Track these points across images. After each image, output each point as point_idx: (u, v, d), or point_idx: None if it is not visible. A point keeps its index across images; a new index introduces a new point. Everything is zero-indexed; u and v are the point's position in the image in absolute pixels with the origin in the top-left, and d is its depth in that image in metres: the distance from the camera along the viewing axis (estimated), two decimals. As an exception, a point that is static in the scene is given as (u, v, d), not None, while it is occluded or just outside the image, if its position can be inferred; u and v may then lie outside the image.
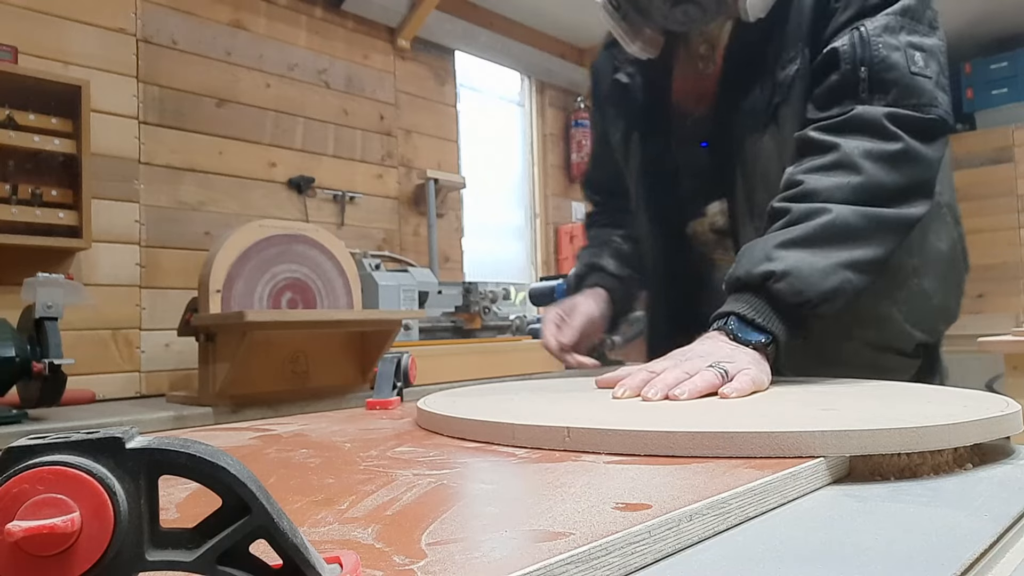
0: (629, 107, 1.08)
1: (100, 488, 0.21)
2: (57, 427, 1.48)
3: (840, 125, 0.83)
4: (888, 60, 0.82)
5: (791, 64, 0.89)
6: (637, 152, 1.08)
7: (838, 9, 0.86)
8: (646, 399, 0.65)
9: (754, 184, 0.95)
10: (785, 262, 0.76)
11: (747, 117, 0.93)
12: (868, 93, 0.83)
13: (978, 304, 4.77)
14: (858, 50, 0.83)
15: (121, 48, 2.13)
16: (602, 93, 1.14)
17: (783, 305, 0.76)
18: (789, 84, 0.89)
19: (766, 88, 0.91)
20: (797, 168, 0.84)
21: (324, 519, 0.35)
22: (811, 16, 0.88)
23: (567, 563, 0.28)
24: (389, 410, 0.81)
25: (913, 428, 0.45)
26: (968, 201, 4.86)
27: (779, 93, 0.90)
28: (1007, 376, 1.86)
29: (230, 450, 0.55)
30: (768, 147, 0.93)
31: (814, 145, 0.83)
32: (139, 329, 2.11)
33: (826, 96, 0.86)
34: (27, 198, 1.81)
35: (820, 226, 0.78)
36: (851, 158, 0.80)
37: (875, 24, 0.83)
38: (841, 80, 0.84)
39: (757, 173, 0.94)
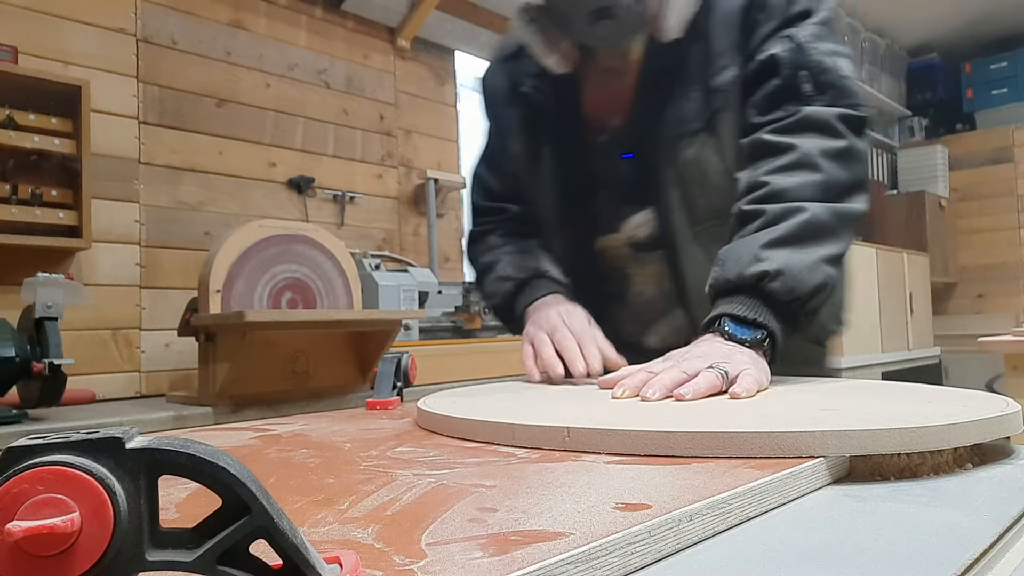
0: (536, 119, 1.05)
1: (100, 488, 0.21)
2: (57, 427, 1.48)
3: (792, 126, 0.86)
4: (823, 65, 0.87)
5: (726, 71, 0.92)
6: (549, 165, 1.04)
7: (761, 20, 0.90)
8: (645, 399, 0.65)
9: (692, 190, 0.96)
10: (776, 261, 0.78)
11: (676, 126, 0.94)
12: (810, 95, 0.87)
13: (978, 304, 4.77)
14: (796, 56, 0.87)
15: (121, 48, 2.13)
16: (499, 104, 1.10)
17: (777, 304, 0.78)
18: (727, 91, 0.92)
19: (694, 97, 0.93)
20: (756, 170, 0.86)
21: (324, 519, 0.35)
22: (739, 27, 0.92)
23: (567, 563, 0.28)
24: (389, 410, 0.81)
25: (913, 428, 0.45)
26: (968, 201, 4.86)
27: (718, 100, 0.93)
28: (1007, 376, 1.86)
29: (230, 450, 0.55)
30: (705, 153, 0.95)
31: (770, 147, 0.86)
32: (139, 329, 2.11)
33: (768, 100, 0.89)
34: (27, 198, 1.81)
35: (800, 224, 0.80)
36: (810, 157, 0.84)
37: (805, 32, 0.88)
38: (782, 85, 0.87)
39: (694, 179, 0.96)
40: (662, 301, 1.01)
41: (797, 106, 0.87)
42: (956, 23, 4.69)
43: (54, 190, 1.86)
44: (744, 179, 0.87)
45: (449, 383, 1.96)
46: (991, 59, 4.77)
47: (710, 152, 0.94)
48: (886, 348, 3.53)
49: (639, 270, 1.02)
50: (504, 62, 1.09)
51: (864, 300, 3.39)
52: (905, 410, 0.53)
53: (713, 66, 0.92)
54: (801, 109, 0.86)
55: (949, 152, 4.90)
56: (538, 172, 1.05)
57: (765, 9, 0.90)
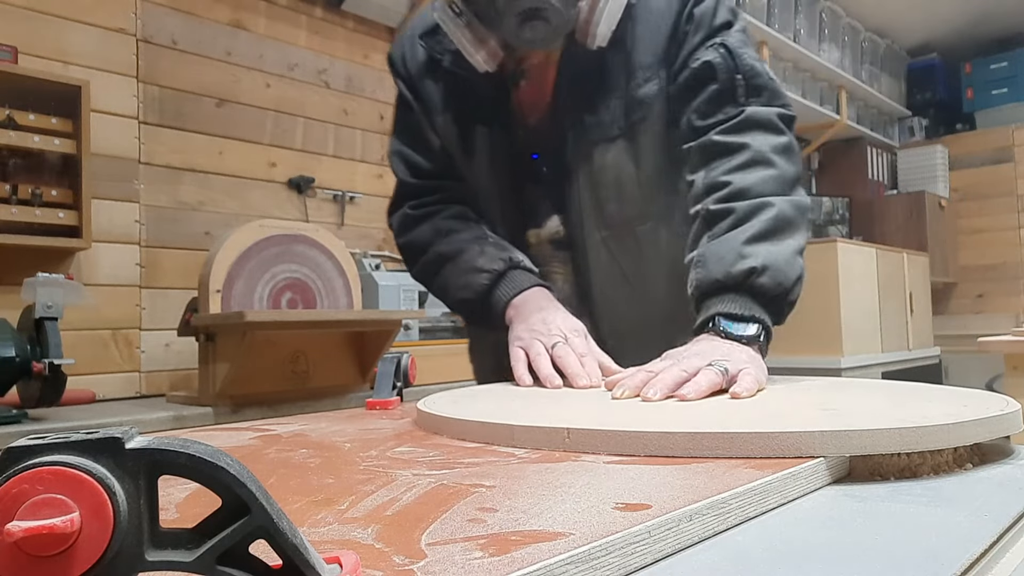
0: (462, 96, 1.02)
1: (100, 488, 0.21)
2: (57, 427, 1.48)
3: (739, 126, 0.90)
4: (755, 69, 0.92)
5: (648, 84, 0.95)
6: (485, 146, 1.01)
7: (689, 32, 0.94)
8: (646, 399, 0.65)
9: (605, 195, 0.98)
10: (759, 257, 0.80)
11: (593, 131, 0.96)
12: (746, 97, 0.91)
13: (978, 304, 4.77)
14: (729, 62, 0.92)
15: (121, 48, 2.13)
16: (419, 77, 1.05)
17: (765, 299, 0.80)
18: (650, 102, 0.95)
19: (614, 104, 0.95)
20: (713, 170, 0.89)
21: (324, 519, 0.35)
22: (666, 41, 0.94)
23: (567, 563, 0.28)
24: (389, 410, 0.81)
25: (913, 428, 0.45)
26: (968, 201, 4.86)
27: (638, 110, 0.95)
28: (1007, 376, 1.86)
29: (230, 450, 0.55)
30: (621, 160, 0.97)
31: (722, 147, 0.89)
32: (139, 329, 2.11)
33: (708, 104, 0.92)
34: (27, 198, 1.81)
35: (772, 219, 0.83)
36: (763, 153, 0.88)
37: (732, 40, 0.93)
38: (721, 88, 0.92)
39: (608, 184, 0.97)
40: (576, 300, 1.02)
41: (737, 107, 0.91)
42: (956, 23, 4.69)
43: (54, 190, 1.86)
44: (701, 180, 0.90)
45: (449, 383, 1.96)
46: (991, 59, 4.76)
47: (627, 159, 0.97)
48: (886, 348, 3.53)
49: (559, 268, 1.03)
50: (420, 37, 1.05)
51: (864, 300, 3.39)
52: (905, 410, 0.53)
53: (636, 77, 0.95)
54: (743, 110, 0.91)
55: (949, 152, 4.90)
56: (471, 152, 1.02)
57: (692, 22, 0.94)
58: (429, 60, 1.03)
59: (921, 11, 4.51)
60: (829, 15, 4.25)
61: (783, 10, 3.82)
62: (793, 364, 3.16)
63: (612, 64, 0.95)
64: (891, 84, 5.02)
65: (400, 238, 1.10)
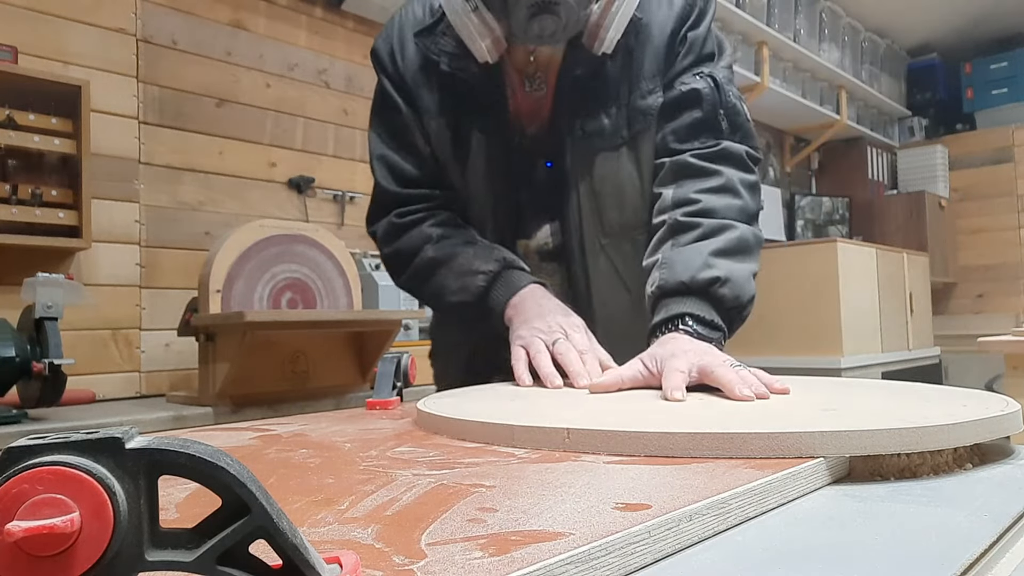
0: (458, 101, 0.98)
1: (100, 488, 0.21)
2: (57, 427, 1.48)
3: (715, 156, 0.95)
4: (736, 107, 0.97)
5: (651, 96, 0.97)
6: (481, 151, 0.99)
7: (680, 53, 0.97)
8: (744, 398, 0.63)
9: (606, 203, 0.99)
10: (723, 269, 0.84)
11: (596, 140, 0.96)
12: (725, 132, 0.96)
13: (978, 304, 4.77)
14: (714, 95, 0.96)
15: (121, 48, 2.13)
16: (411, 79, 1.01)
17: (722, 309, 0.83)
18: (653, 113, 0.97)
19: (617, 114, 0.97)
20: (683, 188, 0.93)
21: (324, 519, 0.35)
22: (665, 56, 0.97)
23: (567, 563, 0.28)
24: (389, 410, 0.81)
25: (913, 428, 0.45)
26: (968, 201, 4.86)
27: (641, 121, 0.97)
28: (1007, 376, 1.86)
29: (230, 450, 0.55)
30: (625, 169, 0.98)
31: (697, 169, 0.94)
32: (139, 329, 2.11)
33: (689, 129, 0.96)
34: (27, 198, 1.81)
35: (735, 240, 0.88)
36: (733, 184, 0.93)
37: (721, 75, 0.97)
38: (703, 118, 0.96)
39: (610, 193, 0.98)
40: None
41: (714, 139, 0.95)
42: (956, 23, 4.69)
43: (54, 190, 1.86)
44: (671, 194, 0.94)
45: (449, 383, 1.96)
46: (991, 59, 4.76)
47: (630, 168, 0.98)
48: (886, 348, 3.53)
49: (545, 279, 1.01)
50: (415, 35, 1.00)
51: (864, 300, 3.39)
52: (905, 410, 0.53)
53: (639, 88, 0.97)
54: (720, 142, 0.95)
55: (949, 152, 4.90)
56: (465, 159, 1.00)
57: (685, 44, 0.97)
58: (424, 60, 1.00)
59: (921, 11, 4.51)
60: (829, 15, 4.25)
61: (783, 10, 3.82)
62: (793, 364, 3.16)
63: (614, 73, 0.96)
64: (891, 84, 5.02)
65: (386, 247, 1.06)
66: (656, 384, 0.72)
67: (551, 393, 0.76)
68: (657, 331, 0.83)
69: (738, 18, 3.45)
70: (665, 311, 0.83)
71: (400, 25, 1.04)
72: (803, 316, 3.25)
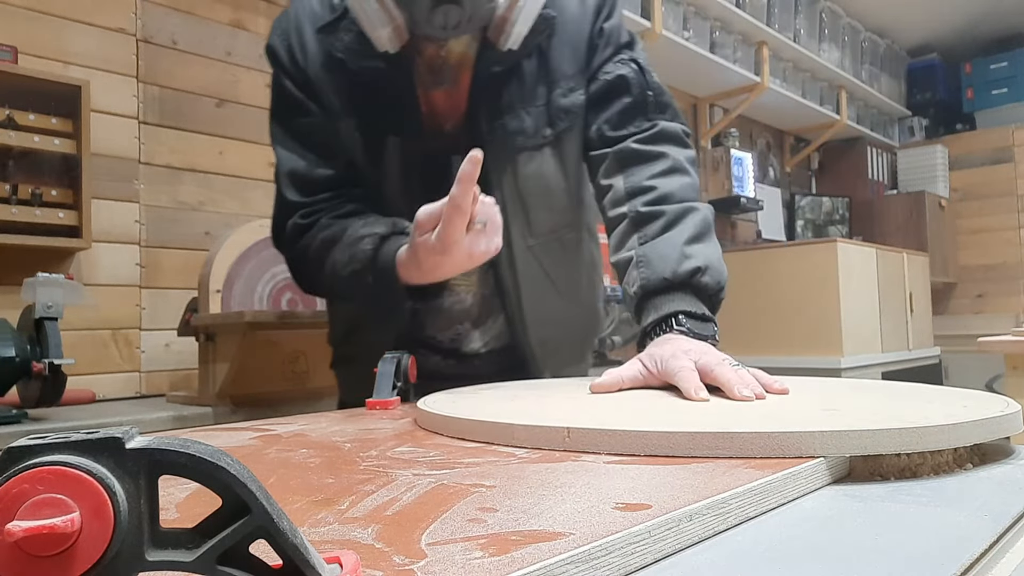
0: (368, 102, 0.94)
1: (100, 488, 0.21)
2: (57, 427, 1.48)
3: (655, 137, 0.95)
4: (661, 87, 0.99)
5: (573, 94, 0.97)
6: (395, 152, 0.94)
7: (600, 46, 0.98)
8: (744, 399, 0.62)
9: (533, 204, 0.97)
10: (700, 257, 0.84)
11: (517, 139, 0.95)
12: (655, 112, 0.97)
13: (978, 304, 4.77)
14: (641, 78, 0.97)
15: (121, 48, 2.13)
16: (317, 80, 0.96)
17: (706, 297, 0.83)
18: (575, 111, 0.97)
19: (535, 112, 0.95)
20: (633, 176, 0.93)
21: (324, 519, 0.35)
22: (584, 52, 0.97)
23: (567, 563, 0.28)
24: (389, 410, 0.81)
25: (913, 428, 0.45)
26: (968, 201, 4.86)
27: (563, 120, 0.96)
28: (1007, 376, 1.86)
29: (230, 450, 0.55)
30: (550, 168, 0.97)
31: (642, 155, 0.94)
32: (139, 329, 2.11)
33: (621, 116, 0.97)
34: (27, 198, 1.81)
35: (700, 222, 0.88)
36: (681, 163, 0.93)
37: (642, 58, 0.99)
38: (634, 102, 0.96)
39: (536, 193, 0.97)
40: (479, 310, 1.01)
41: (648, 121, 0.96)
42: (956, 23, 4.69)
43: (54, 190, 1.86)
44: (621, 184, 0.93)
45: (449, 383, 1.96)
46: (991, 59, 4.76)
47: (554, 168, 0.98)
48: (886, 348, 3.53)
49: (461, 280, 0.98)
50: (318, 31, 0.95)
51: (864, 300, 3.39)
52: (905, 410, 0.53)
53: (559, 86, 0.96)
54: (656, 123, 0.96)
55: (949, 152, 4.90)
56: (378, 161, 0.95)
57: (603, 36, 0.98)
58: (326, 58, 0.94)
59: (921, 11, 4.51)
60: (829, 15, 4.25)
61: (783, 10, 3.82)
62: (793, 364, 3.16)
63: (532, 71, 0.95)
64: (891, 84, 5.02)
65: (290, 251, 1.00)
66: (656, 384, 0.72)
67: (551, 393, 0.76)
68: (651, 333, 0.82)
69: (738, 18, 3.45)
70: (655, 311, 0.83)
71: (297, 20, 0.97)
72: (803, 316, 3.25)
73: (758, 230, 4.31)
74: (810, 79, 4.20)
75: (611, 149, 0.95)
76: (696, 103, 3.97)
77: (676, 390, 0.69)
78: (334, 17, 0.93)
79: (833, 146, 4.86)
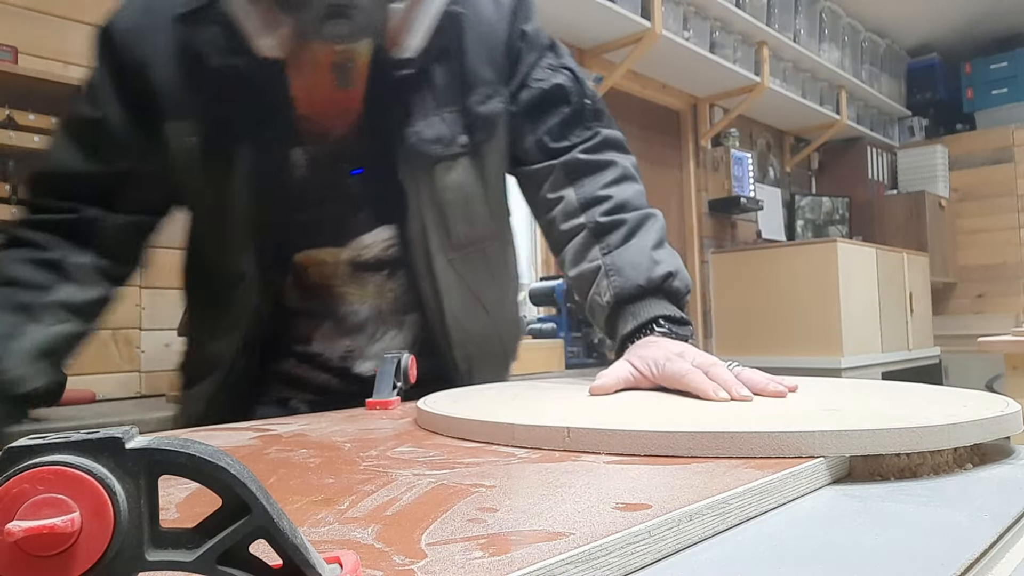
0: (223, 106, 0.83)
1: (100, 488, 0.21)
2: (57, 427, 1.48)
3: (599, 146, 0.94)
4: (595, 95, 0.97)
5: (491, 101, 0.91)
6: (247, 163, 0.84)
7: (523, 49, 0.93)
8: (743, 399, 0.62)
9: (452, 215, 0.91)
10: (668, 262, 0.85)
11: (433, 147, 0.88)
12: (594, 120, 0.95)
13: (978, 304, 4.77)
14: (577, 87, 0.95)
15: (121, 48, 2.13)
16: (159, 69, 0.83)
17: (675, 300, 0.84)
18: (495, 119, 0.92)
19: (450, 119, 0.89)
20: (585, 186, 0.91)
21: (324, 519, 0.35)
22: (503, 56, 0.92)
23: (567, 563, 0.28)
24: (389, 410, 0.81)
25: (913, 428, 0.45)
26: (968, 201, 4.86)
27: (483, 130, 0.91)
28: (1007, 376, 1.86)
29: (230, 450, 0.55)
30: (467, 179, 0.91)
31: (591, 165, 0.92)
32: (139, 329, 2.11)
33: (562, 127, 0.94)
34: (27, 198, 1.81)
35: (660, 229, 0.88)
36: (629, 170, 0.93)
37: (570, 64, 0.96)
38: (573, 111, 0.94)
39: (456, 203, 0.91)
40: (376, 325, 0.93)
41: (588, 130, 0.94)
42: (956, 23, 4.69)
43: (54, 190, 1.86)
44: (573, 195, 0.91)
45: (449, 383, 1.96)
46: (991, 59, 4.77)
47: (473, 178, 0.93)
48: (886, 348, 3.53)
49: (356, 289, 0.92)
50: (176, 21, 0.82)
51: (864, 300, 3.39)
52: (905, 410, 0.53)
53: (475, 92, 0.90)
54: (598, 131, 0.94)
55: (949, 152, 4.90)
56: (222, 170, 0.85)
57: (525, 39, 0.93)
58: (181, 52, 0.82)
59: (921, 11, 4.52)
60: (829, 15, 4.25)
61: (783, 10, 3.82)
62: (793, 364, 3.16)
63: (441, 76, 0.88)
64: (891, 84, 5.02)
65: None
66: (647, 386, 0.72)
67: (552, 393, 0.76)
68: (632, 338, 0.81)
69: (738, 18, 3.45)
70: (634, 318, 0.82)
71: (146, 6, 0.85)
72: (803, 316, 3.25)
73: (758, 230, 4.31)
74: (810, 79, 4.21)
75: (556, 161, 0.93)
76: (696, 103, 3.97)
77: (668, 391, 0.69)
78: (199, 5, 0.81)
79: (833, 146, 4.86)
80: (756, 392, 0.64)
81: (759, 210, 4.15)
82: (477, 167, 0.93)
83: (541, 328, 2.65)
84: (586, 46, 3.76)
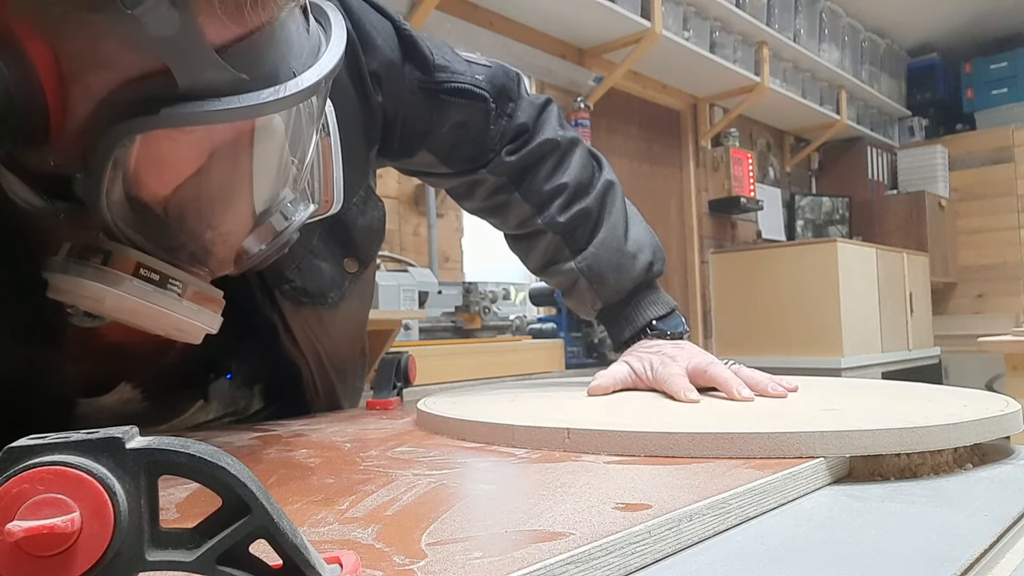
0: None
1: (100, 488, 0.21)
2: (57, 427, 1.48)
3: (519, 135, 0.82)
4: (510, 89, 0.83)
5: (370, 204, 0.79)
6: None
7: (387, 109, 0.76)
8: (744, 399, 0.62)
9: (340, 367, 0.82)
10: (645, 248, 0.82)
11: (314, 298, 0.75)
12: (501, 117, 0.81)
13: (978, 304, 4.77)
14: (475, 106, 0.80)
15: (121, 48, 2.13)
16: None
17: (658, 279, 0.83)
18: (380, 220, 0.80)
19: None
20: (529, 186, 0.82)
21: (324, 519, 0.35)
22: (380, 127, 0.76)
23: (567, 563, 0.28)
24: (389, 410, 0.81)
25: (913, 428, 0.45)
26: (968, 201, 4.86)
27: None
28: (1007, 376, 1.86)
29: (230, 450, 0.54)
30: (356, 320, 0.84)
31: (525, 160, 0.82)
32: (139, 329, 2.11)
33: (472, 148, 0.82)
34: (27, 198, 1.81)
35: (621, 202, 0.84)
36: (559, 139, 0.82)
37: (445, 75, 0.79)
38: (479, 133, 0.81)
39: (344, 356, 0.83)
40: (155, 410, 0.74)
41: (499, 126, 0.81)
42: (956, 23, 4.69)
43: (54, 190, 1.86)
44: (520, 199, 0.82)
45: (449, 383, 1.96)
46: (991, 59, 4.76)
47: (360, 314, 0.84)
48: (886, 348, 3.53)
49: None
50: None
51: (864, 300, 3.39)
52: (905, 410, 0.53)
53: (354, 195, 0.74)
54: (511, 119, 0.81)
55: (949, 152, 4.90)
56: None
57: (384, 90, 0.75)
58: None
59: (921, 11, 4.52)
60: (829, 15, 4.25)
61: (783, 10, 3.82)
62: (793, 364, 3.16)
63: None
64: (891, 84, 5.02)
65: None
66: (644, 388, 0.72)
67: (551, 394, 0.76)
68: (630, 342, 0.81)
69: (738, 18, 3.45)
70: (628, 324, 0.81)
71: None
72: (803, 316, 3.25)
73: (758, 230, 4.31)
74: (810, 79, 4.21)
75: (493, 177, 0.82)
76: (696, 103, 3.97)
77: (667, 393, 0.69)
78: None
79: (833, 146, 4.86)
80: (757, 393, 0.64)
81: (759, 210, 4.15)
82: (359, 296, 0.81)
83: (541, 328, 2.65)
84: (586, 46, 3.76)
